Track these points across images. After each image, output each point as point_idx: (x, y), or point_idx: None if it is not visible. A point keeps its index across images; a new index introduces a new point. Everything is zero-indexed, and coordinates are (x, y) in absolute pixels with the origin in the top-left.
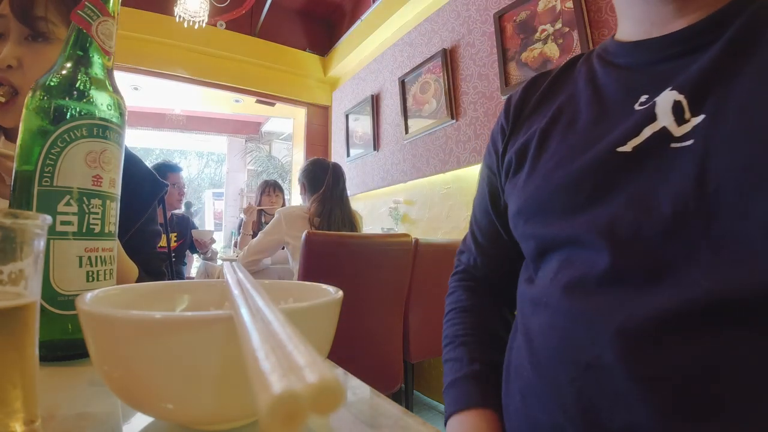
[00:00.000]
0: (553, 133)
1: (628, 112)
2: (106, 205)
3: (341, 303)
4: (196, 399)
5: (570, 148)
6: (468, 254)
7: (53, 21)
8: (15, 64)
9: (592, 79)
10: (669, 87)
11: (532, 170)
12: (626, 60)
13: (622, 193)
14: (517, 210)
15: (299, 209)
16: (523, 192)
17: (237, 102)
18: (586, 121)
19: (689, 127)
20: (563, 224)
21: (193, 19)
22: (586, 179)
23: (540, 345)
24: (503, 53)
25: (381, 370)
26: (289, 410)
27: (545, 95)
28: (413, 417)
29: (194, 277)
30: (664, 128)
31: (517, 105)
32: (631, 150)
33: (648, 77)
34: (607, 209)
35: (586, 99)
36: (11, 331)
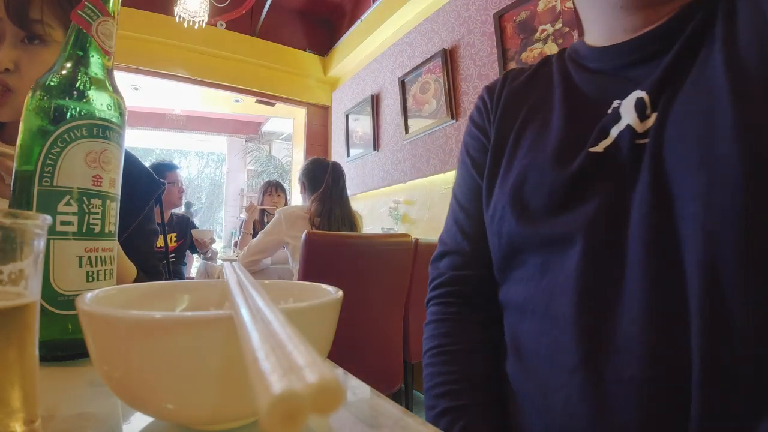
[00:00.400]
0: (528, 131)
1: (600, 115)
2: (106, 205)
3: (341, 303)
4: (196, 399)
5: (544, 147)
6: (452, 257)
7: (49, 23)
8: (12, 68)
9: (567, 79)
10: (636, 89)
11: (508, 168)
12: (597, 65)
13: (595, 197)
14: (492, 206)
15: (299, 209)
16: (499, 189)
17: (237, 102)
18: (560, 120)
19: (650, 122)
20: (537, 226)
21: (193, 19)
22: (559, 181)
23: (529, 352)
24: (503, 53)
25: (381, 370)
26: (289, 410)
27: (522, 90)
28: (413, 417)
29: (194, 277)
30: (628, 125)
31: (498, 95)
32: (603, 150)
33: (618, 82)
34: (581, 213)
35: (560, 97)
36: (11, 331)
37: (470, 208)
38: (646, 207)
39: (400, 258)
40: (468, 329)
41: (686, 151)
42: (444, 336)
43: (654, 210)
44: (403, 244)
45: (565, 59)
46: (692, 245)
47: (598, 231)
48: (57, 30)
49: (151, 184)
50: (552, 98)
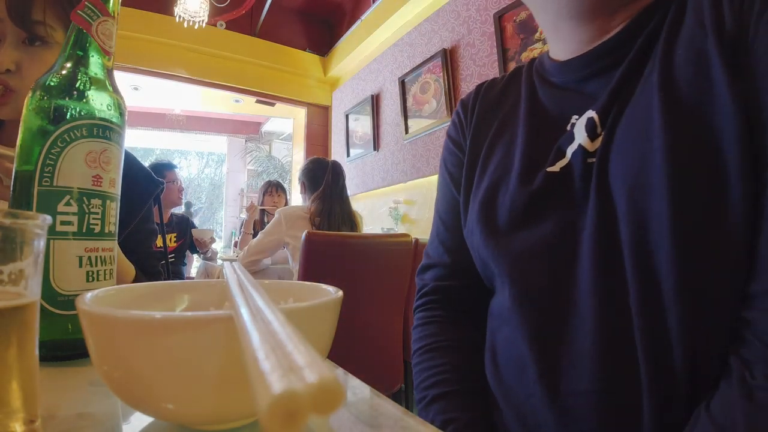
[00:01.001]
0: (497, 147)
1: (561, 134)
2: (106, 205)
3: (341, 303)
4: (196, 399)
5: (510, 165)
6: (436, 269)
7: (51, 25)
8: (13, 68)
9: (532, 94)
10: (590, 107)
11: (479, 184)
12: (558, 79)
13: (552, 216)
14: (467, 220)
15: (299, 209)
16: (471, 204)
17: (237, 102)
18: (524, 138)
19: (599, 141)
20: (501, 242)
21: (193, 19)
22: (520, 200)
23: (502, 361)
24: (503, 53)
25: (381, 370)
26: (289, 410)
27: (493, 103)
28: (413, 417)
29: (194, 277)
30: (579, 145)
31: (471, 109)
32: (559, 170)
33: (577, 97)
34: (539, 232)
35: (525, 113)
36: (11, 331)
37: (449, 221)
38: (593, 228)
39: (400, 258)
40: (453, 328)
41: (623, 173)
42: (430, 336)
43: (599, 231)
44: (403, 244)
45: (532, 71)
46: (630, 266)
47: (554, 250)
48: (58, 31)
49: (150, 184)
50: (518, 114)
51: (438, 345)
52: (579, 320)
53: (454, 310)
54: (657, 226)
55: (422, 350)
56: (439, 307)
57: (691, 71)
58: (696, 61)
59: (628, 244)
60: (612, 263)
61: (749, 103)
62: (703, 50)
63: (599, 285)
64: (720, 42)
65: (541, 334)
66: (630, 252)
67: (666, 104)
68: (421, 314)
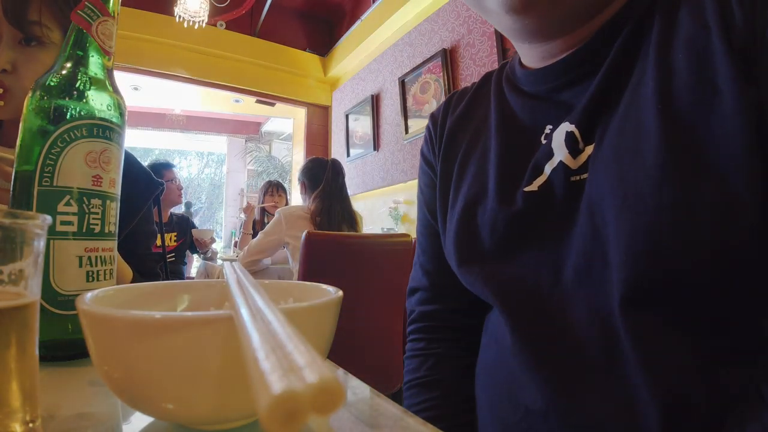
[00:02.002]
0: (470, 163)
1: (536, 146)
2: (106, 205)
3: (341, 303)
4: (196, 399)
5: (484, 186)
6: (419, 293)
7: (47, 25)
8: (9, 68)
9: (502, 103)
10: (567, 118)
11: (453, 204)
12: (529, 88)
13: (535, 239)
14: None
15: (299, 209)
16: (448, 229)
17: (237, 102)
18: (497, 154)
19: (584, 157)
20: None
21: (193, 19)
22: (499, 223)
23: (493, 382)
24: (503, 53)
25: (381, 370)
26: (289, 410)
27: (464, 115)
28: (413, 417)
29: (194, 277)
30: (560, 162)
31: (441, 124)
32: (537, 189)
33: (551, 106)
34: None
35: (496, 126)
36: (11, 331)
37: (425, 243)
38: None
39: (400, 258)
40: (436, 362)
41: (612, 192)
42: (415, 371)
43: (588, 253)
44: (403, 244)
45: (502, 78)
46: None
47: (540, 275)
48: (55, 32)
49: (150, 185)
50: (489, 126)
51: (421, 381)
52: (574, 347)
53: (437, 341)
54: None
55: (406, 386)
56: (423, 338)
57: (693, 78)
58: (698, 67)
59: (617, 267)
60: (601, 287)
61: (763, 113)
62: (707, 53)
63: (590, 309)
64: (728, 43)
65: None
66: (621, 276)
67: (664, 118)
68: (408, 345)
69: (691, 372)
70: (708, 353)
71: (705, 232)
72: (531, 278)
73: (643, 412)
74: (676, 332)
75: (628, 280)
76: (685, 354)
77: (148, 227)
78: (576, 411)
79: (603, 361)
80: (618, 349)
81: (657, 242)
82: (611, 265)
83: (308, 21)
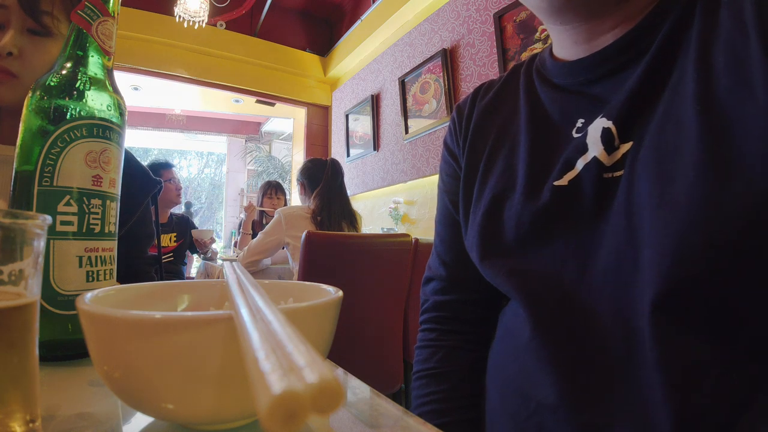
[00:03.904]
0: (498, 158)
1: (566, 139)
2: (106, 205)
3: (341, 303)
4: (196, 399)
5: (512, 180)
6: (434, 282)
7: (57, 17)
8: (15, 52)
9: (532, 96)
10: (601, 113)
11: (479, 198)
12: (561, 80)
13: (562, 234)
14: (468, 235)
15: (299, 209)
16: (472, 219)
17: (237, 102)
18: (527, 148)
19: (619, 154)
20: (505, 261)
21: (193, 19)
22: (525, 216)
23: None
24: (503, 53)
25: (381, 370)
26: (289, 410)
27: (491, 108)
28: (413, 417)
29: (194, 277)
30: (594, 158)
31: (467, 115)
32: (567, 184)
33: (583, 99)
34: (549, 250)
35: (525, 120)
36: (11, 331)
37: (444, 233)
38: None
39: (400, 258)
40: (447, 354)
41: (650, 191)
42: (425, 362)
43: (619, 251)
44: (403, 244)
45: (532, 72)
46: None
47: (565, 271)
48: (63, 23)
49: (148, 183)
50: (518, 120)
51: (431, 372)
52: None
53: (450, 332)
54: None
55: (417, 376)
56: (436, 329)
57: (731, 81)
58: (736, 69)
59: (649, 268)
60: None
61: None
62: (745, 56)
63: (614, 308)
64: (765, 47)
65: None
66: (654, 278)
67: (703, 118)
68: (420, 335)
69: (709, 376)
70: (727, 356)
71: (738, 234)
72: (555, 273)
73: (655, 414)
74: (698, 335)
75: (660, 283)
76: (704, 357)
77: (146, 229)
78: (587, 408)
79: (621, 360)
80: (637, 349)
81: (693, 245)
82: (642, 266)
83: (308, 21)
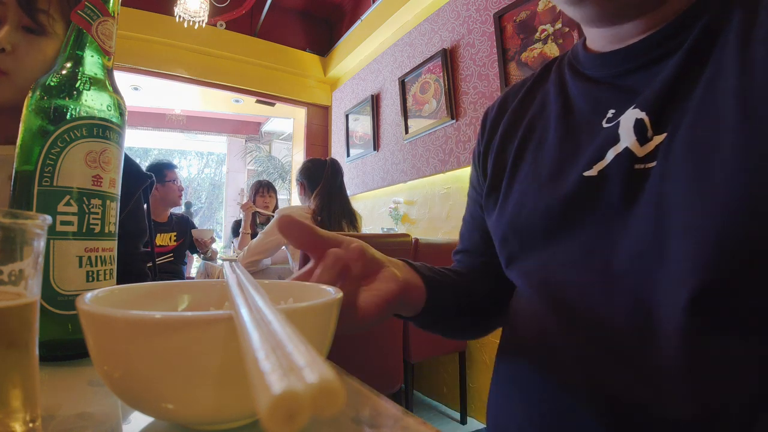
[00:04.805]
0: (526, 152)
1: (596, 130)
2: (106, 205)
3: (341, 303)
4: (196, 399)
5: (540, 172)
6: (463, 255)
7: (54, 16)
8: (9, 49)
9: (563, 89)
10: (633, 104)
11: (508, 192)
12: (593, 72)
13: (589, 226)
14: (494, 228)
15: (299, 209)
16: (499, 218)
17: (237, 102)
18: (556, 140)
19: (652, 146)
20: (534, 252)
21: (193, 19)
22: (553, 205)
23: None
24: (503, 53)
25: (381, 370)
26: (289, 410)
27: (519, 108)
28: (413, 417)
29: (194, 277)
30: (626, 149)
31: (493, 121)
32: (597, 174)
33: (614, 91)
34: (575, 240)
35: (556, 113)
36: (11, 331)
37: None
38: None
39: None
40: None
41: (687, 185)
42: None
43: (647, 243)
44: (403, 244)
45: (564, 66)
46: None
47: (590, 261)
48: (59, 23)
49: (138, 178)
50: (548, 113)
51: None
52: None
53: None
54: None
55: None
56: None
57: None
58: None
59: (680, 261)
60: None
61: None
62: None
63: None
64: None
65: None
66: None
67: (744, 114)
68: None
69: (728, 376)
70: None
71: None
72: (580, 263)
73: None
74: (722, 334)
75: (697, 278)
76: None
77: (138, 225)
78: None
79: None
80: (655, 344)
81: (734, 240)
82: (669, 259)
83: (308, 21)
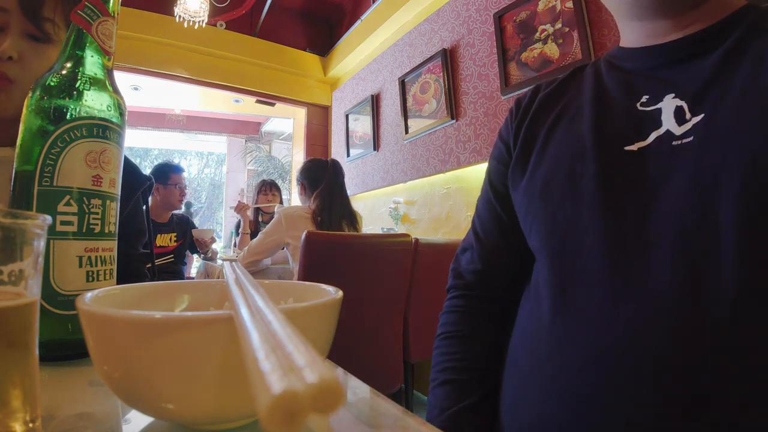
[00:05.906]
0: (559, 126)
1: (632, 112)
2: (106, 205)
3: (341, 303)
4: (196, 399)
5: (577, 139)
6: (469, 252)
7: (58, 23)
8: (15, 57)
9: (598, 80)
10: (670, 92)
11: (538, 163)
12: (630, 64)
13: (625, 196)
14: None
15: (300, 209)
16: (528, 184)
17: (237, 102)
18: (592, 117)
19: (689, 125)
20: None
21: (193, 19)
22: (593, 171)
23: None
24: (503, 53)
25: (381, 370)
26: (289, 410)
27: (551, 97)
28: (413, 417)
29: (194, 277)
30: (667, 131)
31: (527, 103)
32: (637, 150)
33: (649, 80)
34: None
35: (590, 97)
36: (11, 331)
37: (484, 213)
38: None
39: (400, 258)
40: (473, 320)
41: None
42: (451, 324)
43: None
44: (403, 244)
45: (600, 63)
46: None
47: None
48: (63, 30)
49: (136, 179)
50: (582, 97)
51: (455, 334)
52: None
53: (478, 299)
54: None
55: (441, 336)
56: (464, 295)
57: None
58: None
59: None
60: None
61: None
62: None
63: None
64: None
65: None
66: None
67: None
68: (448, 302)
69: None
70: None
71: None
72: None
73: None
74: None
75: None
76: None
77: (137, 225)
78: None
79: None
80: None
81: None
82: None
83: (308, 21)
